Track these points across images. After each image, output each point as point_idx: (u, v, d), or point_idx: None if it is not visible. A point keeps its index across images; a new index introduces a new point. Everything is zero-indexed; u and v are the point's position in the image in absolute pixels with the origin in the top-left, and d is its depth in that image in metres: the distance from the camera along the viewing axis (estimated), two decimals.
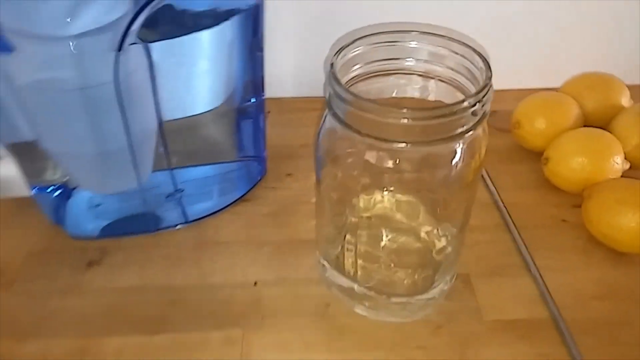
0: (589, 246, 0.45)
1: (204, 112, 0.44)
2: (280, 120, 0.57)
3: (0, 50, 0.35)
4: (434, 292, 0.39)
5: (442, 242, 0.38)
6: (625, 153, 0.48)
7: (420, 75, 0.35)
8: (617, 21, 0.58)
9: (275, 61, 0.52)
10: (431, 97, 0.35)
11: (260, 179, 0.51)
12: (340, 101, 0.31)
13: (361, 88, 0.34)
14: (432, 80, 0.35)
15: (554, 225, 0.47)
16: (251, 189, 0.50)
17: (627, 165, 0.47)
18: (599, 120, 0.52)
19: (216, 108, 0.45)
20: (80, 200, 0.46)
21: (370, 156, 0.32)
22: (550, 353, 0.38)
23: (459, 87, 0.33)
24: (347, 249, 0.37)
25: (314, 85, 0.62)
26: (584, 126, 0.51)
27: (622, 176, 0.47)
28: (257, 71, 0.46)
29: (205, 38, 0.40)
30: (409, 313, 0.39)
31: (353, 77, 0.34)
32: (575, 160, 0.47)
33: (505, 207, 0.48)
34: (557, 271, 0.43)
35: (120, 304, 0.41)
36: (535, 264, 0.43)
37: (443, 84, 0.34)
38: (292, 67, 0.62)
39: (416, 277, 0.38)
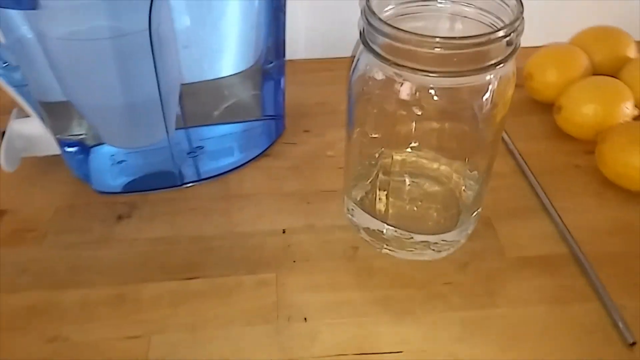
0: (602, 188, 0.47)
1: (231, 74, 0.45)
2: (294, 81, 0.58)
3: (23, 6, 0.36)
4: (459, 232, 0.40)
5: (469, 182, 0.39)
6: (635, 100, 0.49)
7: (449, 16, 0.36)
8: None
9: (288, 24, 0.52)
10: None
11: (279, 136, 0.52)
12: (376, 34, 0.32)
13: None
14: (461, 21, 0.36)
15: (567, 170, 0.49)
16: (271, 145, 0.51)
17: (637, 111, 0.49)
18: (607, 71, 0.53)
19: (241, 71, 0.46)
20: (102, 156, 0.47)
21: (405, 90, 0.33)
22: (571, 284, 0.40)
23: (489, 28, 0.34)
24: (380, 188, 0.38)
25: (326, 47, 0.63)
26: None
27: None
28: (279, 33, 0.47)
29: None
30: (435, 252, 0.40)
31: (385, 17, 0.34)
32: (587, 107, 0.48)
33: (520, 155, 0.49)
34: (574, 211, 0.45)
35: (153, 253, 0.42)
36: (552, 205, 0.45)
37: (473, 22, 0.35)
38: (303, 29, 0.62)
39: (442, 215, 0.39)
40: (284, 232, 0.43)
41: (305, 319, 0.38)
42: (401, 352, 0.36)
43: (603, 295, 0.38)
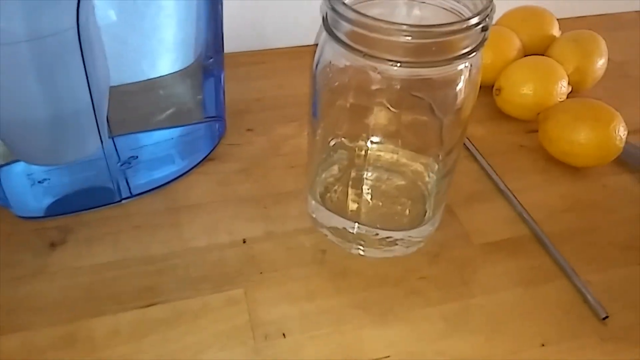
0: (549, 166, 0.48)
1: (170, 73, 0.41)
2: (227, 77, 0.54)
3: None
4: (428, 225, 0.39)
5: (435, 177, 0.38)
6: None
7: (406, 2, 0.34)
8: None
9: None
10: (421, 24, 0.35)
11: (221, 137, 0.49)
12: (341, 20, 0.29)
13: None
14: (418, 7, 0.35)
15: (514, 151, 0.50)
16: (214, 148, 0.48)
17: (570, 89, 0.51)
18: (536, 50, 0.55)
19: (181, 69, 0.41)
20: (17, 177, 0.41)
21: (373, 82, 0.32)
22: (538, 265, 0.40)
23: (452, 12, 0.33)
24: (352, 186, 0.36)
25: (256, 38, 0.60)
26: (525, 56, 0.54)
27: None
28: (217, 26, 0.43)
29: None
30: (404, 248, 0.39)
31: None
32: (526, 87, 0.49)
33: (468, 138, 0.50)
34: (527, 191, 0.45)
35: (99, 281, 0.37)
36: (507, 187, 0.45)
37: (431, 8, 0.34)
38: (232, 21, 0.58)
39: (410, 212, 0.38)
40: (244, 242, 0.40)
41: (283, 334, 0.35)
42: (388, 356, 0.34)
43: (569, 272, 0.39)
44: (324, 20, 0.31)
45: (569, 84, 0.51)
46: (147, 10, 0.37)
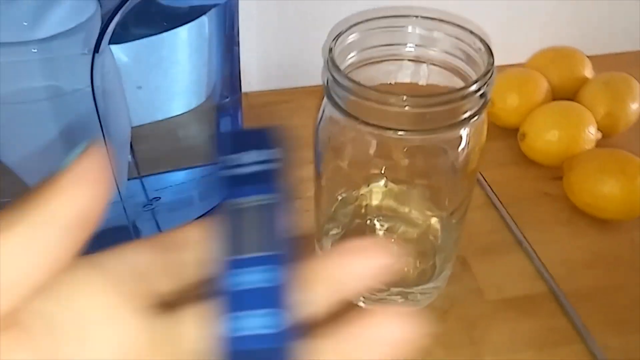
0: (573, 217, 0.46)
1: (183, 112, 0.42)
2: (250, 116, 0.55)
3: None
4: (438, 280, 0.38)
5: (445, 231, 0.37)
6: (595, 123, 0.49)
7: (414, 60, 0.34)
8: None
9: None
10: (428, 82, 0.35)
11: None
12: (340, 89, 0.29)
13: (358, 76, 0.33)
14: (426, 65, 0.34)
15: (537, 198, 0.48)
16: None
17: (600, 135, 0.49)
18: (566, 93, 0.53)
19: (194, 108, 0.42)
20: None
21: (373, 145, 0.32)
22: (553, 325, 0.39)
23: (455, 71, 0.33)
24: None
25: (280, 78, 0.61)
26: (553, 100, 0.52)
27: (596, 146, 0.49)
28: (233, 67, 0.44)
29: (182, 35, 0.38)
30: (414, 303, 0.39)
31: (350, 65, 0.32)
32: (551, 133, 0.48)
33: (488, 184, 0.48)
34: (547, 243, 0.44)
35: None
36: (526, 239, 0.44)
37: (439, 68, 0.34)
38: (256, 60, 0.60)
39: (420, 266, 0.38)
40: None
41: None
42: None
43: (586, 336, 0.37)
44: (325, 85, 0.31)
45: (598, 129, 0.49)
46: (158, 51, 0.38)
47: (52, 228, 0.14)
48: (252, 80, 0.60)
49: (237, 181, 0.17)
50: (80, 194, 0.15)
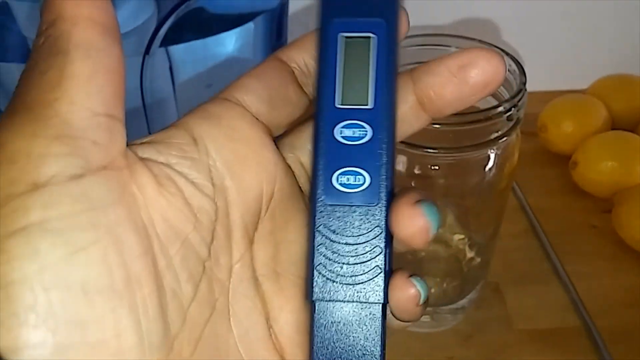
0: (619, 252, 0.44)
1: None
2: None
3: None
4: (463, 302, 0.38)
5: (472, 252, 0.37)
6: None
7: None
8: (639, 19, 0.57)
9: None
10: None
11: None
12: None
13: None
14: None
15: (583, 231, 0.46)
16: None
17: None
18: (627, 123, 0.51)
19: None
20: None
21: (400, 162, 0.32)
22: None
23: None
24: None
25: None
26: (612, 129, 0.50)
27: None
28: None
29: (227, 39, 0.40)
30: (437, 323, 0.38)
31: None
32: (605, 164, 0.46)
33: (532, 212, 0.47)
34: (587, 278, 0.42)
35: None
36: (565, 271, 0.42)
37: None
38: None
39: (445, 286, 0.37)
40: None
41: None
42: None
43: None
44: None
45: None
46: (203, 55, 0.40)
47: None
48: None
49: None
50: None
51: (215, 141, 0.17)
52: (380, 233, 0.17)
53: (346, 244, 0.17)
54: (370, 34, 0.17)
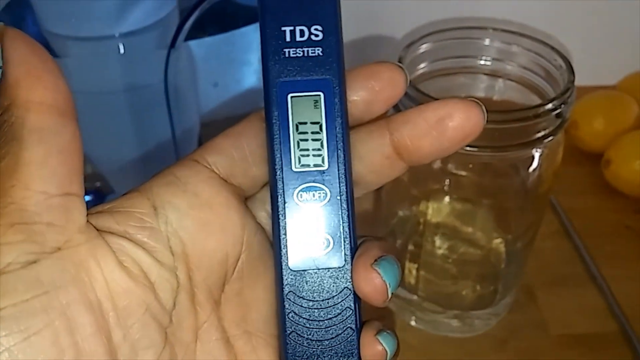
0: None
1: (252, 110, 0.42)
2: None
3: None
4: (498, 307, 0.36)
5: (509, 255, 0.35)
6: None
7: (490, 74, 0.32)
8: None
9: None
10: (503, 98, 0.33)
11: None
12: (407, 100, 0.28)
13: (428, 87, 0.32)
14: (502, 80, 0.33)
15: (616, 232, 0.45)
16: None
17: None
18: None
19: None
20: None
21: (440, 160, 0.30)
22: None
23: (532, 87, 0.31)
24: (409, 259, 0.35)
25: None
26: None
27: None
28: None
29: (252, 32, 0.38)
30: (471, 328, 0.37)
31: (420, 75, 0.31)
32: (638, 162, 0.44)
33: (564, 212, 0.45)
34: (623, 281, 0.40)
35: None
36: (600, 274, 0.41)
37: (515, 84, 0.32)
38: None
39: (480, 290, 0.36)
40: None
41: None
42: None
43: None
44: None
45: None
46: (229, 49, 0.39)
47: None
48: None
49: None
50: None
51: (176, 209, 0.17)
52: (349, 294, 0.17)
53: (317, 308, 0.17)
54: (319, 93, 0.17)
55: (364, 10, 0.55)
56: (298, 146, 0.17)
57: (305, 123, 0.17)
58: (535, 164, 0.30)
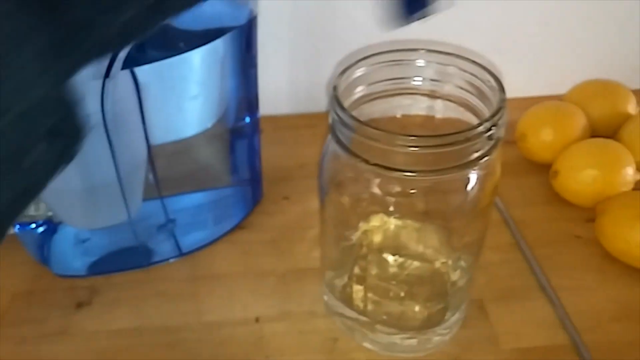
0: (604, 263, 0.43)
1: (195, 134, 0.41)
2: (275, 139, 0.55)
3: None
4: (448, 324, 0.36)
5: (457, 272, 0.35)
6: (636, 163, 0.46)
7: (426, 95, 0.33)
8: (619, 25, 0.57)
9: (268, 77, 0.49)
10: (438, 116, 0.33)
11: (256, 204, 0.49)
12: (344, 127, 0.28)
13: (365, 110, 0.32)
14: (439, 100, 0.33)
15: (567, 241, 0.45)
16: (247, 215, 0.48)
17: (639, 176, 0.45)
18: (606, 129, 0.50)
19: (208, 129, 0.42)
20: (65, 236, 0.44)
21: (378, 184, 0.30)
22: None
23: (467, 106, 0.31)
24: (356, 281, 0.35)
25: (310, 101, 0.60)
26: (592, 136, 0.49)
27: (634, 188, 0.45)
28: (250, 89, 0.44)
29: (195, 58, 0.38)
30: (422, 347, 0.37)
31: (357, 99, 0.31)
32: (585, 173, 0.45)
33: (515, 224, 0.46)
34: (573, 291, 0.41)
35: (114, 349, 0.38)
36: (550, 285, 0.41)
37: (451, 103, 0.32)
38: (285, 83, 0.59)
39: (429, 308, 0.36)
40: (257, 320, 0.40)
41: None
42: None
43: None
44: (330, 122, 0.30)
45: (638, 171, 0.46)
46: (172, 74, 0.38)
47: None
48: (281, 103, 0.60)
49: None
50: None
51: None
52: None
53: None
54: None
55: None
56: None
57: None
58: (472, 183, 0.30)
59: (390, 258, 0.36)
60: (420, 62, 0.31)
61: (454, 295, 0.36)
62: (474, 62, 0.30)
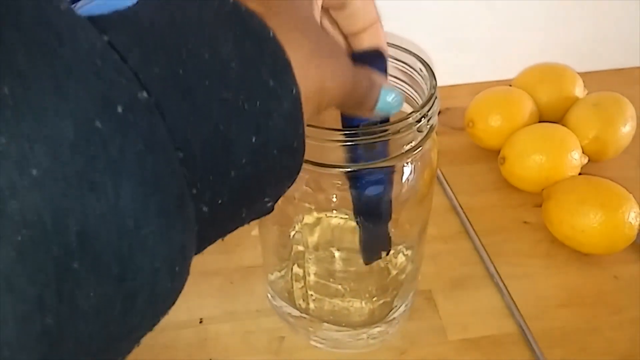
0: (552, 249, 0.43)
1: None
2: None
3: None
4: (394, 317, 0.36)
5: (399, 265, 0.35)
6: (582, 147, 0.46)
7: None
8: (567, 9, 0.57)
9: None
10: None
11: None
12: None
13: None
14: None
15: (515, 228, 0.45)
16: None
17: (586, 160, 0.46)
18: (554, 113, 0.50)
19: None
20: None
21: (309, 181, 0.29)
22: None
23: (406, 97, 0.30)
24: (295, 280, 0.34)
25: None
26: (540, 121, 0.49)
27: (581, 172, 0.45)
28: None
29: None
30: (368, 342, 0.36)
31: None
32: (531, 158, 0.45)
33: (464, 212, 0.46)
34: (521, 279, 0.41)
35: None
36: (498, 273, 0.41)
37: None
38: None
39: (374, 303, 0.35)
40: (200, 322, 0.39)
41: None
42: None
43: None
44: None
45: (585, 154, 0.46)
46: None
47: None
48: None
49: None
50: None
51: None
52: None
53: None
54: None
55: None
56: None
57: None
58: (406, 175, 0.29)
59: (325, 260, 0.35)
60: None
61: (398, 288, 0.35)
62: (404, 49, 0.29)
